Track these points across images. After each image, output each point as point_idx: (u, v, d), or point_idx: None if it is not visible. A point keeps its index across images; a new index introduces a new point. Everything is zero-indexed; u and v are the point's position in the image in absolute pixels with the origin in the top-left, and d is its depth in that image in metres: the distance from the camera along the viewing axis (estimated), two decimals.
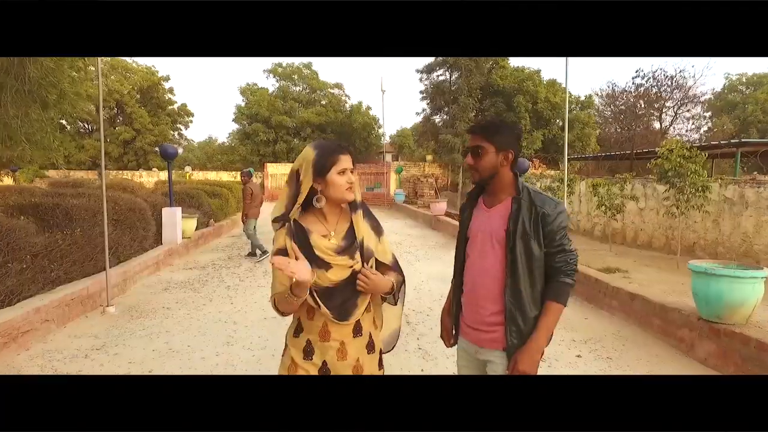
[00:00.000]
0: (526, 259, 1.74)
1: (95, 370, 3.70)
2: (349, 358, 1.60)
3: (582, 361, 3.94)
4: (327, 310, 1.57)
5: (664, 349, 4.21)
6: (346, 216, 1.69)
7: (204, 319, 5.03)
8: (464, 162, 1.89)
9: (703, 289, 3.83)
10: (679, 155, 6.38)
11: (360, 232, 1.64)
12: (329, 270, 1.58)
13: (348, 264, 1.60)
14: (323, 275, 1.57)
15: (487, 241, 1.81)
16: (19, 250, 4.49)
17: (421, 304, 5.54)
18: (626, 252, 8.33)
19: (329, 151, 1.60)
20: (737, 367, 3.55)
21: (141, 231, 7.38)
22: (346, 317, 1.60)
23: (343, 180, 1.59)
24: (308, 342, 1.62)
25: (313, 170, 1.58)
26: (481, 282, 1.82)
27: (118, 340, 4.38)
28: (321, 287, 1.58)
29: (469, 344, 1.88)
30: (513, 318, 1.74)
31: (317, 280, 1.56)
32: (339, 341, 1.60)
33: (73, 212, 5.52)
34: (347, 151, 1.63)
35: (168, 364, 3.81)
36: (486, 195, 1.90)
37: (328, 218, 1.66)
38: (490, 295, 1.79)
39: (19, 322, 4.09)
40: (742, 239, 6.66)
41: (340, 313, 1.59)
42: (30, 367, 3.71)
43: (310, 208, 1.65)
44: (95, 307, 5.30)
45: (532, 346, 1.70)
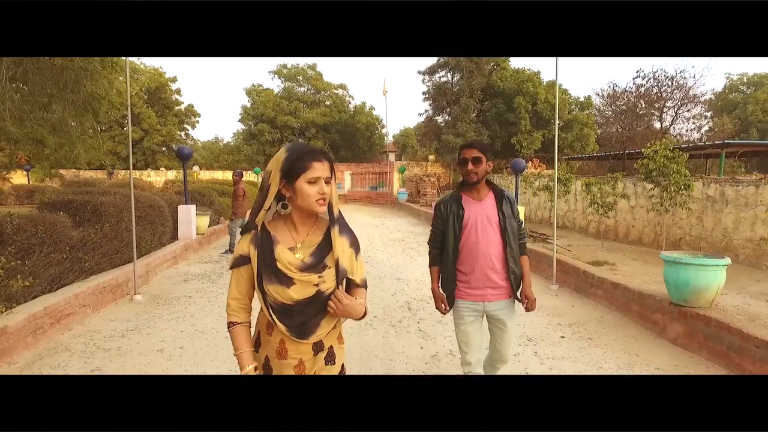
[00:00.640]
0: (511, 233, 2.57)
1: (133, 347, 4.19)
2: (307, 372, 1.51)
3: (565, 341, 4.40)
4: (284, 328, 1.46)
5: (639, 331, 4.67)
6: (320, 227, 1.54)
7: (224, 306, 5.50)
8: (463, 167, 2.57)
9: (672, 276, 4.29)
10: (663, 156, 6.82)
11: (337, 251, 1.49)
12: (291, 287, 1.44)
13: (313, 282, 1.45)
14: (283, 291, 1.44)
15: (487, 224, 2.55)
16: (60, 242, 4.98)
17: (422, 294, 6.02)
18: (617, 247, 8.77)
19: (299, 156, 1.44)
20: (700, 345, 4.01)
21: (160, 227, 7.89)
22: (306, 336, 1.48)
23: (313, 190, 1.43)
24: (266, 359, 1.52)
25: (281, 174, 1.45)
26: (487, 253, 2.53)
27: (148, 323, 4.88)
28: (280, 303, 1.45)
29: (476, 303, 2.56)
30: (514, 274, 2.56)
31: (276, 296, 1.44)
32: (297, 359, 1.49)
33: (102, 209, 6.01)
34: (324, 158, 1.46)
35: (197, 342, 4.29)
36: (470, 192, 2.62)
37: (298, 228, 1.52)
38: (496, 261, 2.54)
39: (62, 305, 4.59)
40: (722, 234, 7.10)
41: (298, 332, 1.47)
42: (76, 345, 4.20)
43: (283, 215, 1.54)
44: (123, 295, 5.80)
45: (528, 287, 2.61)
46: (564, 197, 11.25)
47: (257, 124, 32.37)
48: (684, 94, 26.86)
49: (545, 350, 4.16)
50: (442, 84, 22.63)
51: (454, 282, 2.58)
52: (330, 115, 32.93)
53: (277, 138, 32.17)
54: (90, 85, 3.40)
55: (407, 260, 8.62)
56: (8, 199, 19.97)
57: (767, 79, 35.20)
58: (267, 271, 1.44)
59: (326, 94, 34.87)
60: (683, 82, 26.25)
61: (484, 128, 21.35)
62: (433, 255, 2.73)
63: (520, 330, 4.69)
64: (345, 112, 34.03)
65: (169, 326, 4.77)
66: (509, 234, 2.55)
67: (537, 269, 7.35)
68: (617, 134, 25.64)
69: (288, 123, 31.86)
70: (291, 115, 32.35)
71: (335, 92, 35.19)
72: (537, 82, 21.42)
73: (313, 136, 32.52)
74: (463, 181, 2.66)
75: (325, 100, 34.67)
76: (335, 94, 35.10)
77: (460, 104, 20.87)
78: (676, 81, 26.16)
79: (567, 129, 22.63)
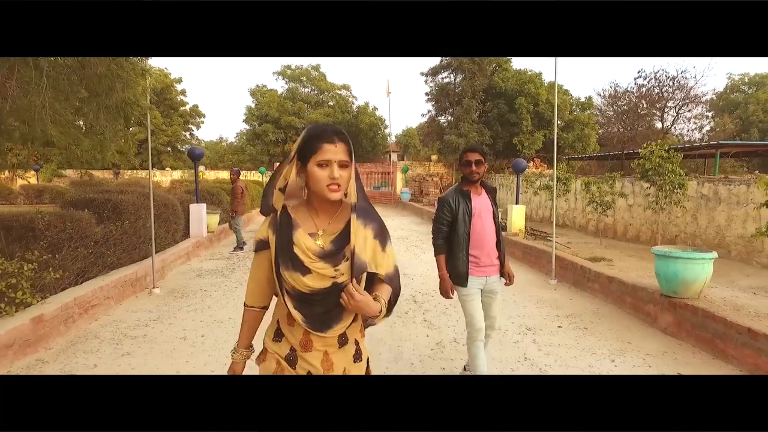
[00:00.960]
0: (498, 221, 3.21)
1: (157, 335, 4.48)
2: (336, 369, 1.43)
3: (562, 331, 4.68)
4: (302, 319, 1.39)
5: (633, 321, 4.95)
6: (344, 215, 1.45)
7: (238, 298, 5.82)
8: (467, 168, 3.09)
9: (663, 269, 4.56)
10: (659, 156, 7.08)
11: (355, 241, 1.38)
12: (306, 275, 1.36)
13: (329, 274, 1.36)
14: (299, 279, 1.36)
15: (486, 214, 3.13)
16: (85, 237, 5.28)
17: (427, 288, 6.31)
18: (615, 245, 9.04)
19: (313, 136, 1.36)
20: (688, 333, 4.28)
21: (173, 225, 8.19)
22: (324, 329, 1.40)
23: (323, 174, 1.34)
24: (291, 350, 1.44)
25: (297, 154, 1.39)
26: (489, 238, 3.12)
27: (169, 313, 5.17)
28: (298, 292, 1.38)
29: (480, 278, 3.09)
30: (503, 254, 3.19)
31: (292, 283, 1.37)
32: (322, 351, 1.42)
33: (122, 207, 6.31)
34: (338, 139, 1.35)
35: (216, 331, 4.59)
36: (470, 188, 3.13)
37: (320, 214, 1.45)
38: (493, 244, 3.14)
39: (89, 297, 4.89)
40: (716, 231, 7.36)
41: (316, 324, 1.40)
42: (104, 333, 4.50)
43: (306, 200, 1.47)
44: (143, 288, 6.10)
45: (508, 264, 3.26)
46: (564, 196, 11.51)
47: (261, 125, 32.71)
48: (685, 94, 27.09)
49: (543, 338, 4.44)
50: (444, 85, 22.91)
51: (468, 262, 3.07)
52: (333, 115, 33.23)
53: (281, 138, 32.51)
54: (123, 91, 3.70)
55: (411, 257, 8.91)
56: (18, 199, 20.34)
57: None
58: (284, 256, 1.37)
59: (330, 95, 35.19)
60: (684, 82, 26.49)
61: (486, 128, 21.61)
62: (439, 245, 3.13)
63: (520, 320, 4.97)
64: (348, 112, 34.34)
65: (189, 317, 5.06)
66: (497, 221, 3.21)
67: (537, 265, 7.62)
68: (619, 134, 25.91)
69: (292, 123, 32.18)
70: (295, 115, 32.67)
71: (339, 93, 35.50)
72: (538, 83, 21.67)
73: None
74: (464, 179, 3.14)
75: (329, 101, 34.99)
76: (339, 94, 35.41)
77: (462, 105, 21.15)
78: (677, 81, 26.40)
79: (568, 129, 22.87)
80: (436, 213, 3.16)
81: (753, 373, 3.59)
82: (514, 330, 4.67)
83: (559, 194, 10.76)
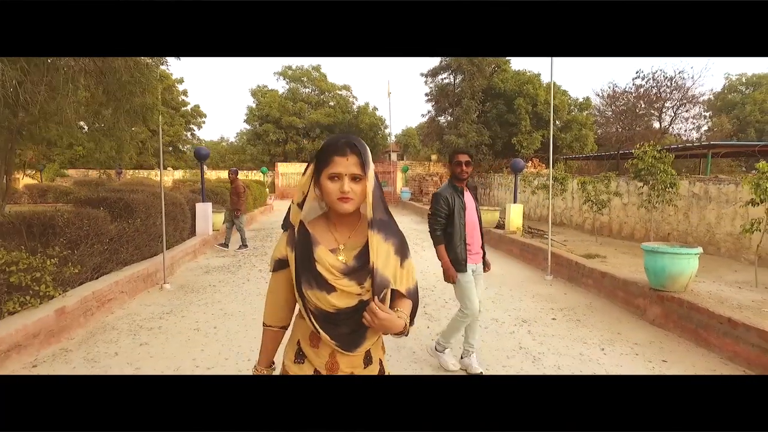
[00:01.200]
0: (479, 215, 3.69)
1: (171, 327, 4.72)
2: None
3: (556, 323, 4.93)
4: (330, 339, 1.34)
5: (623, 314, 5.20)
6: (364, 228, 1.39)
7: (246, 293, 6.07)
8: (458, 168, 3.50)
9: (651, 264, 4.81)
10: (651, 156, 7.33)
11: (375, 257, 1.34)
12: (332, 293, 1.31)
13: (355, 291, 1.32)
14: (324, 298, 1.31)
15: (473, 209, 3.60)
16: (101, 234, 5.53)
17: (427, 283, 6.56)
18: (610, 242, 9.29)
19: (325, 150, 1.33)
20: (674, 324, 4.53)
21: (181, 223, 8.43)
22: (354, 347, 1.36)
23: (334, 188, 1.31)
24: (315, 372, 1.39)
25: (314, 170, 1.36)
26: (476, 229, 3.61)
27: (181, 307, 5.42)
28: (322, 311, 1.33)
29: (471, 264, 3.58)
30: (484, 244, 3.71)
31: (317, 302, 1.32)
32: (348, 373, 1.38)
33: (133, 205, 6.55)
34: (351, 151, 1.30)
35: (228, 323, 4.83)
36: (461, 185, 3.55)
37: (338, 228, 1.40)
38: (479, 235, 3.63)
39: (105, 291, 5.13)
40: (706, 229, 7.62)
41: (346, 343, 1.35)
42: (121, 324, 4.75)
43: (324, 213, 1.43)
44: (154, 284, 6.35)
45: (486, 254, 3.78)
46: (561, 195, 11.76)
47: (262, 125, 32.96)
48: (682, 94, 27.38)
49: (537, 329, 4.69)
50: (444, 85, 23.14)
51: (465, 250, 3.51)
52: (334, 115, 33.49)
53: (282, 138, 32.78)
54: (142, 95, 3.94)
55: (412, 255, 9.13)
56: (22, 198, 20.54)
57: (765, 79, 35.61)
58: (306, 274, 1.32)
59: (330, 95, 35.45)
60: (682, 82, 26.78)
61: (486, 129, 21.85)
62: (438, 236, 3.48)
63: (516, 313, 5.21)
64: (349, 112, 34.60)
65: (200, 310, 5.31)
66: (480, 215, 3.72)
67: (534, 262, 7.87)
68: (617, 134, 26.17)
69: (293, 123, 32.43)
70: (296, 115, 32.93)
71: (339, 93, 35.76)
72: (537, 84, 21.91)
73: (317, 136, 33.11)
74: (454, 177, 3.61)
75: (329, 101, 35.24)
76: (339, 95, 35.67)
77: (461, 105, 21.38)
78: (674, 82, 26.69)
79: (566, 130, 23.12)
80: (433, 207, 3.51)
81: (731, 360, 3.84)
82: (510, 322, 4.91)
83: (556, 193, 11.01)
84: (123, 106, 3.88)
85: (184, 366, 3.74)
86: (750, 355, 3.68)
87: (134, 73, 3.54)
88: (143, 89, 3.85)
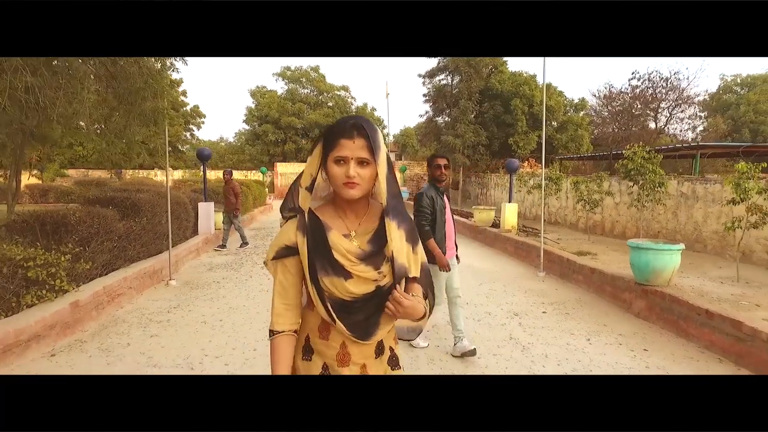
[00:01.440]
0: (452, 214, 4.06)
1: (179, 320, 4.95)
2: None
3: (546, 315, 5.17)
4: (345, 328, 1.30)
5: (611, 308, 5.45)
6: (374, 213, 1.36)
7: (250, 289, 6.30)
8: (437, 170, 3.87)
9: (636, 259, 5.05)
10: (641, 157, 7.59)
11: (392, 245, 1.30)
12: (348, 280, 1.28)
13: (372, 277, 1.29)
14: (341, 285, 1.27)
15: (448, 209, 3.95)
16: (110, 232, 5.75)
17: None
18: (602, 240, 9.54)
19: (332, 132, 1.27)
20: (657, 316, 4.78)
21: (184, 222, 8.66)
22: (368, 336, 1.33)
23: (339, 172, 1.25)
24: (324, 367, 1.34)
25: (321, 152, 1.30)
26: (451, 228, 3.97)
27: (188, 302, 5.65)
28: (337, 300, 1.29)
29: (450, 258, 3.95)
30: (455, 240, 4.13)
31: (333, 290, 1.28)
32: (360, 365, 1.35)
33: (140, 204, 6.77)
34: (358, 134, 1.24)
35: (233, 316, 5.07)
36: (440, 186, 3.90)
37: (348, 213, 1.35)
38: (453, 232, 4.01)
39: (115, 287, 5.36)
40: (694, 227, 7.87)
41: (360, 331, 1.32)
42: (131, 318, 4.98)
43: (330, 200, 1.38)
44: (160, 280, 6.57)
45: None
46: (555, 195, 12.01)
47: (262, 125, 33.18)
48: (678, 95, 27.71)
49: (528, 322, 4.93)
50: (441, 86, 23.40)
51: (445, 245, 3.87)
52: (333, 116, 33.72)
53: (281, 138, 33.01)
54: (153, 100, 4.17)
55: None
56: (23, 198, 20.71)
57: (760, 80, 35.97)
58: (321, 261, 1.27)
59: (329, 96, 35.70)
60: (677, 83, 27.10)
61: (483, 129, 22.12)
62: (427, 231, 3.79)
63: (508, 307, 5.46)
64: (347, 113, 34.84)
65: (206, 305, 5.54)
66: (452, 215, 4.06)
67: (527, 259, 8.12)
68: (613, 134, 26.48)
69: (292, 124, 32.67)
70: (295, 116, 33.16)
71: (338, 94, 36.02)
72: (533, 85, 22.19)
73: (316, 136, 33.37)
74: (434, 179, 3.93)
75: (328, 102, 35.49)
76: (338, 95, 35.93)
77: (459, 106, 21.64)
78: (670, 82, 27.02)
79: (562, 130, 23.41)
80: (419, 205, 3.84)
81: (707, 349, 4.09)
82: (502, 315, 5.16)
83: (551, 193, 11.26)
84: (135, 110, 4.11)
85: (193, 355, 3.97)
86: (724, 343, 3.93)
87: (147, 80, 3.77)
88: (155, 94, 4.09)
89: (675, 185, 8.20)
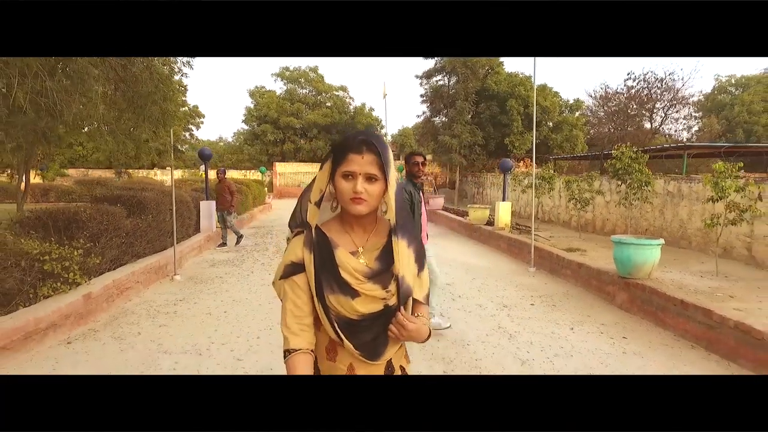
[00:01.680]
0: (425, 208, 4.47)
1: (185, 312, 5.22)
2: None
3: (533, 308, 5.45)
4: (353, 348, 1.27)
5: (596, 300, 5.73)
6: (382, 230, 1.35)
7: (252, 283, 6.56)
8: (415, 167, 4.24)
9: (619, 254, 5.34)
10: (628, 156, 7.87)
11: (398, 265, 1.29)
12: (355, 299, 1.26)
13: (380, 296, 1.27)
14: (347, 303, 1.25)
15: (423, 203, 4.32)
16: (118, 229, 6.01)
17: None
18: (593, 238, 9.83)
19: (341, 147, 1.26)
20: (638, 308, 5.06)
21: (187, 220, 8.92)
22: (377, 356, 1.30)
23: (347, 187, 1.24)
24: None
25: (330, 167, 1.28)
26: (425, 219, 4.36)
27: (192, 295, 5.91)
28: (344, 318, 1.27)
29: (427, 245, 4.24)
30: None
31: (340, 309, 1.26)
32: None
33: (145, 203, 7.03)
34: (367, 150, 1.23)
35: (236, 308, 5.33)
36: (418, 182, 4.27)
37: (355, 229, 1.33)
38: (426, 225, 4.40)
39: (124, 281, 5.62)
40: (679, 225, 8.17)
41: (369, 351, 1.29)
42: (139, 310, 5.24)
43: (338, 215, 1.36)
44: (165, 275, 6.84)
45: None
46: (548, 194, 12.30)
47: (260, 125, 33.41)
48: (673, 95, 28.05)
49: (517, 313, 5.21)
50: (438, 87, 23.66)
51: (422, 236, 4.12)
52: (331, 116, 33.98)
53: (279, 138, 33.27)
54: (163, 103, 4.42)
55: None
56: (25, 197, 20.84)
57: (754, 80, 36.34)
58: (328, 279, 1.25)
59: (327, 96, 35.94)
60: (672, 84, 27.46)
61: (479, 129, 22.40)
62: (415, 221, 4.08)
63: (499, 300, 5.74)
64: (346, 113, 35.11)
65: (210, 298, 5.80)
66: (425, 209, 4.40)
67: (519, 256, 8.40)
68: (609, 134, 26.80)
69: (290, 124, 32.92)
70: (293, 116, 33.41)
71: (336, 94, 36.25)
72: (529, 86, 22.45)
73: (314, 136, 33.61)
74: (412, 175, 4.27)
75: (327, 102, 35.73)
76: (336, 95, 36.17)
77: (455, 107, 21.91)
78: (665, 83, 27.38)
79: (557, 130, 23.71)
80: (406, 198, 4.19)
81: (682, 336, 4.37)
82: (492, 307, 5.43)
83: (544, 192, 11.55)
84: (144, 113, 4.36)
85: (200, 342, 4.24)
86: (697, 331, 4.21)
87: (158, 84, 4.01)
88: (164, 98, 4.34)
89: (662, 184, 8.50)
